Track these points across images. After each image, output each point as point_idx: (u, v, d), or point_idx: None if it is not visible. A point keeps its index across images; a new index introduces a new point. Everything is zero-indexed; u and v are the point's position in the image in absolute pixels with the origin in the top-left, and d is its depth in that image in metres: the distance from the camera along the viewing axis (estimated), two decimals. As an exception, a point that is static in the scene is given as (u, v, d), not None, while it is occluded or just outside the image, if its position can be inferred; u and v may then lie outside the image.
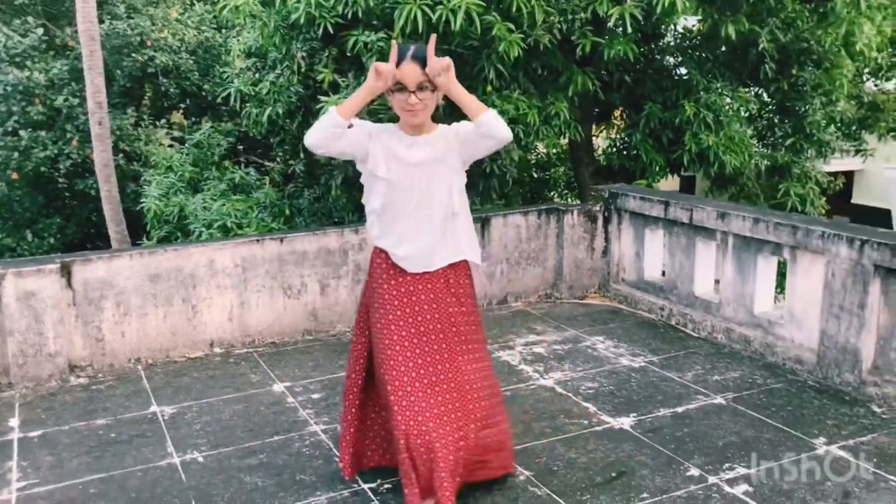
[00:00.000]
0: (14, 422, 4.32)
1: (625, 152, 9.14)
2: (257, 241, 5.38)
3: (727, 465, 3.70)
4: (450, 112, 5.78)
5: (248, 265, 5.33)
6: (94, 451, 3.96)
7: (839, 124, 10.20)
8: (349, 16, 6.75)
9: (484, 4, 6.28)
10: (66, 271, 4.83)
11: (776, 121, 9.95)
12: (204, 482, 3.64)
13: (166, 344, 5.18)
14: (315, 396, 4.58)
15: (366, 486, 3.55)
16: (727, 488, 3.50)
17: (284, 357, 5.20)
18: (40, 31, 14.32)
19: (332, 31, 6.85)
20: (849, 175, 20.23)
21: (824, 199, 10.16)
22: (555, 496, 3.45)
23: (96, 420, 4.32)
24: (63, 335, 4.82)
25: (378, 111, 6.97)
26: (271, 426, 4.20)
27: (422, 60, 2.97)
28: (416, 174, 3.14)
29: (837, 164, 16.66)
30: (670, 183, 13.50)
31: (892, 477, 3.57)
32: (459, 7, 6.09)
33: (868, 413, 4.24)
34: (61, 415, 4.39)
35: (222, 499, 3.49)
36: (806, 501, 3.38)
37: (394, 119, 3.32)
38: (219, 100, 15.35)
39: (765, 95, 9.70)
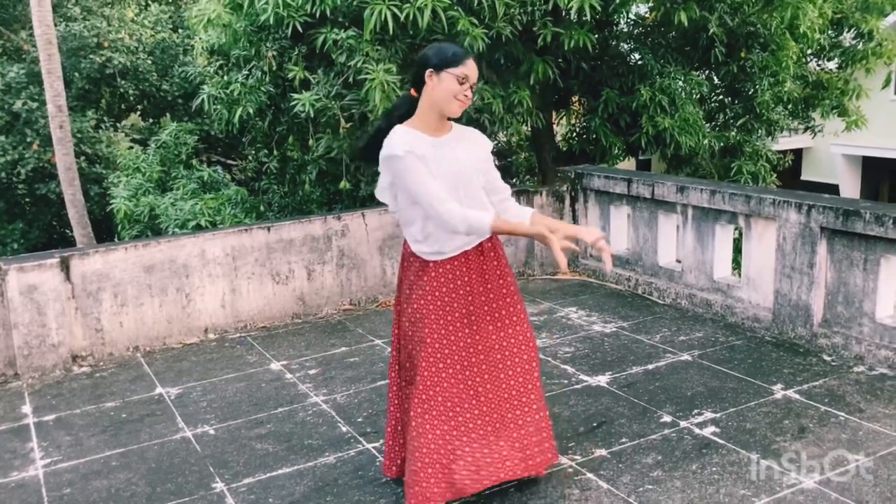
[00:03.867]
0: (27, 408, 4.53)
1: (584, 137, 9.50)
2: (246, 230, 5.63)
3: (696, 411, 4.09)
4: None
5: (238, 254, 5.58)
6: (109, 430, 4.20)
7: (786, 103, 10.68)
8: (317, 14, 6.98)
9: (448, 3, 6.56)
10: (64, 265, 5.04)
11: (727, 102, 10.39)
12: (218, 451, 3.91)
13: (163, 332, 5.42)
14: (312, 372, 4.86)
15: (370, 446, 3.86)
16: (697, 430, 3.88)
17: (277, 339, 5.48)
18: (-5, 35, 14.29)
19: (301, 30, 7.05)
20: (798, 153, 20.95)
21: (775, 175, 10.64)
22: (544, 445, 3.79)
23: (105, 403, 4.56)
24: (65, 326, 5.04)
25: (351, 106, 7.24)
26: (274, 400, 4.49)
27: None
28: (452, 178, 3.06)
29: (787, 142, 17.30)
30: (626, 166, 13.94)
31: (840, 413, 3.99)
32: (426, 6, 6.37)
33: (819, 361, 4.67)
34: (71, 400, 4.62)
35: (238, 464, 3.77)
36: (767, 437, 3.77)
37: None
38: (178, 100, 15.44)
39: (715, 78, 10.13)
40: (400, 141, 3.00)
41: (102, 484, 3.65)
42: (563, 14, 7.66)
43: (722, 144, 10.09)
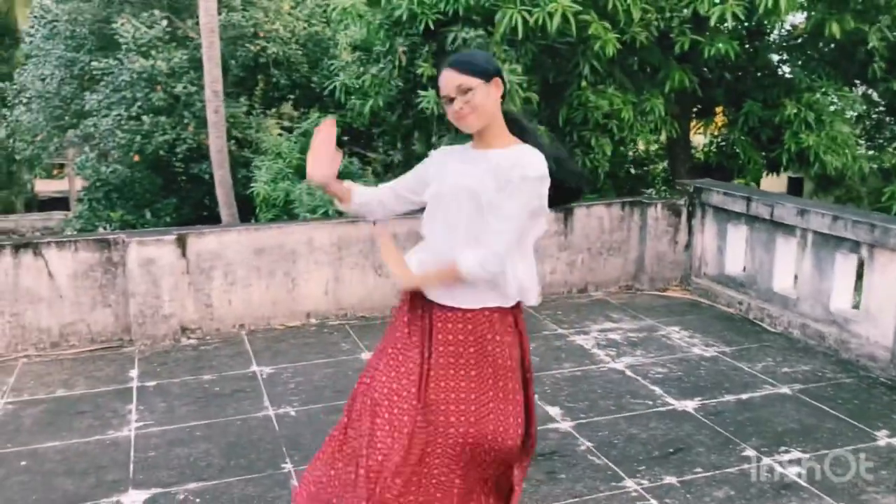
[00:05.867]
0: (134, 373, 4.87)
1: (723, 150, 9.13)
2: (352, 222, 5.78)
3: (783, 448, 3.85)
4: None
5: (343, 244, 5.74)
6: (200, 402, 4.44)
7: (953, 126, 9.86)
8: (450, 13, 7.06)
9: (580, 7, 6.47)
10: (181, 242, 5.35)
11: (886, 122, 9.70)
12: (295, 433, 4.05)
13: (267, 313, 5.65)
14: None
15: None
16: (779, 469, 3.65)
17: (373, 330, 5.59)
18: (164, 22, 15.28)
19: (432, 28, 7.16)
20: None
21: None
22: (612, 465, 3.69)
23: (203, 375, 4.82)
24: (177, 299, 5.35)
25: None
26: (357, 389, 4.58)
27: (460, 65, 2.58)
28: (450, 192, 2.62)
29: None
30: (777, 184, 13.22)
31: (948, 470, 3.64)
32: (556, 10, 6.32)
33: (937, 411, 4.28)
34: (173, 369, 4.92)
35: (310, 447, 3.87)
36: (857, 486, 3.50)
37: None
38: (326, 92, 16.04)
39: (875, 95, 9.47)
40: (441, 149, 2.84)
41: (183, 451, 3.86)
42: (706, 22, 7.35)
43: (876, 166, 9.42)
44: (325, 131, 2.69)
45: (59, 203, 28.87)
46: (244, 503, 3.41)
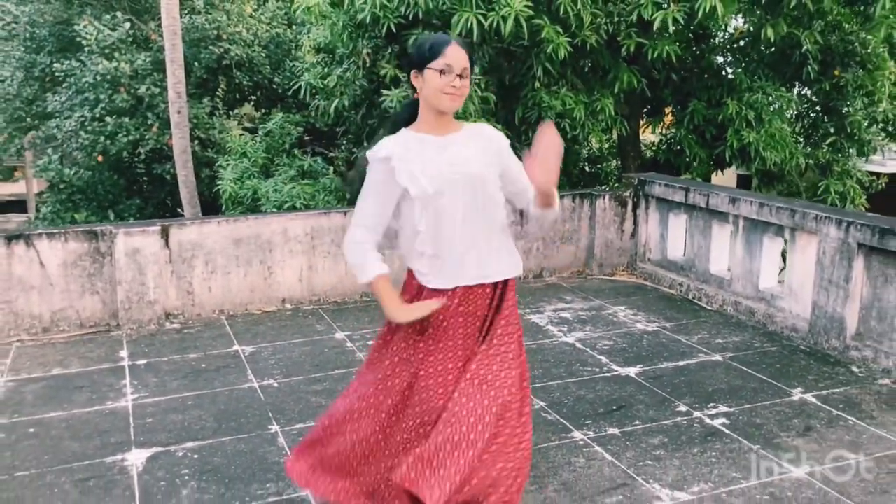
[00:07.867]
0: (124, 353, 5.24)
1: (672, 147, 9.67)
2: (325, 213, 6.22)
3: (711, 404, 4.38)
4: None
5: (317, 234, 6.16)
6: (189, 376, 4.84)
7: (882, 124, 10.54)
8: (410, 16, 7.50)
9: (532, 12, 6.94)
10: (164, 233, 5.73)
11: (820, 120, 10.34)
12: (279, 400, 4.47)
13: (245, 299, 6.05)
14: (371, 343, 5.37)
15: (409, 409, 4.33)
16: (707, 420, 4.18)
17: (345, 313, 6.03)
18: (127, 25, 15.47)
19: (394, 30, 7.59)
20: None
21: (865, 197, 10.48)
22: (562, 420, 4.19)
23: (189, 354, 5.21)
24: (161, 286, 5.73)
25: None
26: (333, 363, 5.03)
27: (467, 48, 2.75)
28: (460, 181, 2.73)
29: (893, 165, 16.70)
30: (727, 180, 13.83)
31: (850, 418, 4.21)
32: (509, 15, 6.78)
33: (847, 372, 4.86)
34: (161, 350, 5.30)
35: (293, 412, 4.31)
36: (772, 432, 4.04)
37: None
38: (288, 92, 16.34)
39: (812, 95, 10.09)
40: (386, 144, 2.78)
41: (178, 417, 4.26)
42: (652, 26, 7.86)
43: (812, 162, 10.05)
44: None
45: (14, 206, 28.64)
46: (237, 457, 3.83)
